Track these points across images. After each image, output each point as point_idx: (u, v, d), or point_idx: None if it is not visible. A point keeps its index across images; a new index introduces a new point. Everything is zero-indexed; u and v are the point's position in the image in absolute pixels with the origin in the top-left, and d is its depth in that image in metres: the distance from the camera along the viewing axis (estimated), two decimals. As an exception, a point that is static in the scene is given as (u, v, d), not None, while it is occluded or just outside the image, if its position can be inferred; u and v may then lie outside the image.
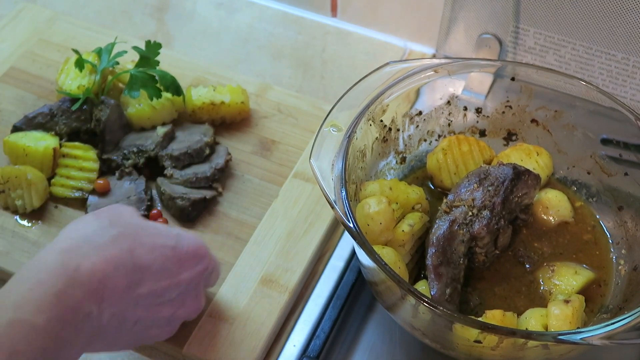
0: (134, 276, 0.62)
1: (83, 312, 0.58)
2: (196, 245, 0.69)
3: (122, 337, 0.65)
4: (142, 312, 0.64)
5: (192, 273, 0.68)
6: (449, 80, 0.83)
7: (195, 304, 0.71)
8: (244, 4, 1.14)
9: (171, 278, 0.66)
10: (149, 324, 0.67)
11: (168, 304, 0.67)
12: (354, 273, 0.81)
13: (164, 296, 0.66)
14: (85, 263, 0.59)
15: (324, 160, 0.71)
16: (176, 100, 0.93)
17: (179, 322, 0.71)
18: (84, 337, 0.59)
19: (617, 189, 0.81)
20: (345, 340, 0.78)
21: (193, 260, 0.68)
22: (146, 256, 0.63)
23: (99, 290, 0.59)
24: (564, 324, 0.67)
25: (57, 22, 1.09)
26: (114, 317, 0.61)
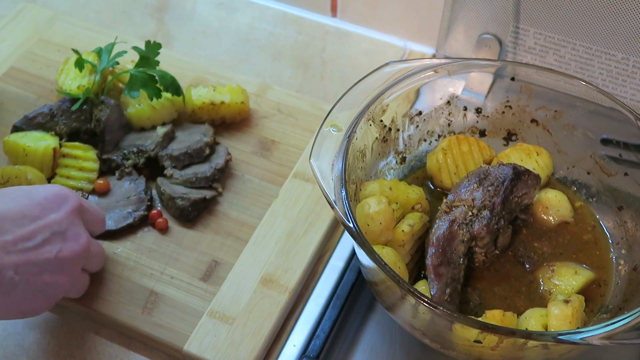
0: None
1: None
2: (54, 189, 0.69)
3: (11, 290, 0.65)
4: (17, 257, 0.64)
5: (59, 214, 0.68)
6: (449, 80, 0.83)
7: (77, 244, 0.70)
8: (244, 4, 1.14)
9: (35, 221, 0.66)
10: (35, 270, 0.66)
11: (46, 246, 0.67)
12: (354, 273, 0.81)
13: (34, 239, 0.66)
14: None
15: (324, 160, 0.71)
16: (176, 100, 0.93)
17: (70, 265, 0.70)
18: None
19: (617, 189, 0.81)
20: (345, 340, 0.78)
21: (54, 203, 0.68)
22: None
23: None
24: (563, 324, 0.67)
25: (57, 22, 1.09)
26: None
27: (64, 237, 0.69)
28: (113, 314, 0.78)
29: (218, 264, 0.82)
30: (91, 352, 0.77)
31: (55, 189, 0.70)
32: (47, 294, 0.69)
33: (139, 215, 0.85)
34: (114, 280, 0.80)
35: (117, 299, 0.79)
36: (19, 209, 0.66)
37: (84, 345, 0.78)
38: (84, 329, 0.79)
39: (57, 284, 0.69)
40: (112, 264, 0.82)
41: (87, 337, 0.78)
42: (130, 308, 0.78)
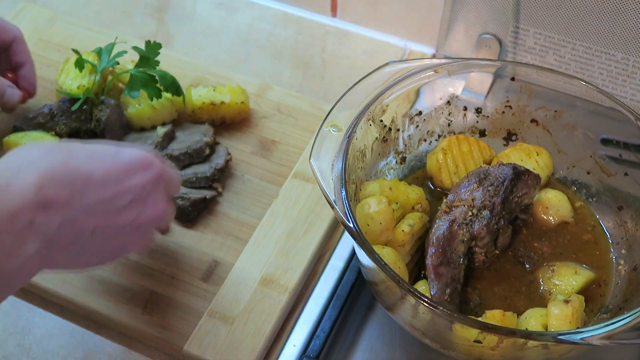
0: (76, 184, 0.61)
1: (23, 220, 0.57)
2: (139, 154, 0.68)
3: (87, 247, 0.65)
4: (96, 219, 0.63)
5: (141, 179, 0.66)
6: (449, 80, 0.83)
7: (155, 210, 0.69)
8: (244, 4, 1.14)
9: (117, 185, 0.65)
10: (113, 232, 0.66)
11: (125, 210, 0.66)
12: (354, 273, 0.81)
13: (116, 202, 0.65)
14: (17, 178, 0.58)
15: (324, 160, 0.71)
16: (176, 100, 0.93)
17: (147, 229, 0.69)
18: (32, 246, 0.58)
19: (617, 189, 0.81)
20: (345, 340, 0.78)
21: (139, 168, 0.67)
22: (85, 166, 0.63)
23: (38, 200, 0.58)
24: (564, 324, 0.67)
25: (57, 22, 1.09)
26: (64, 226, 0.60)
27: (143, 203, 0.67)
28: (113, 314, 0.78)
29: (218, 264, 0.82)
30: (91, 352, 0.77)
31: (140, 154, 0.68)
32: (117, 252, 0.69)
33: (139, 215, 0.84)
34: (114, 280, 0.80)
35: (117, 299, 0.79)
36: (103, 171, 0.64)
37: (84, 345, 0.78)
38: (84, 329, 0.79)
39: (132, 244, 0.69)
40: (112, 264, 0.82)
41: (87, 337, 0.78)
42: (130, 308, 0.78)
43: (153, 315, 0.78)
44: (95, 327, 0.79)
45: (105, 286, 0.80)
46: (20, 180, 0.58)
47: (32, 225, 0.58)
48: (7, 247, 0.56)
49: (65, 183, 0.60)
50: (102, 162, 0.65)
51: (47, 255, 0.60)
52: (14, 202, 0.57)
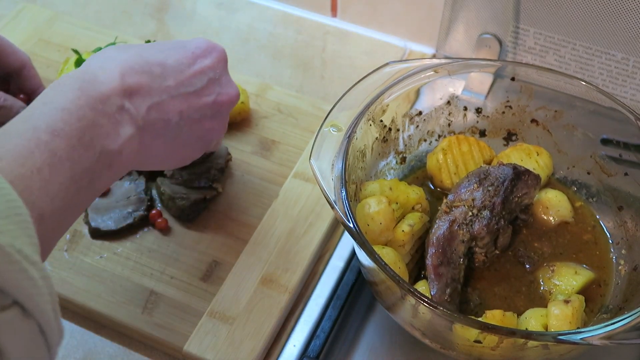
0: (153, 71, 0.65)
1: (114, 104, 0.61)
2: (202, 41, 0.72)
3: (177, 135, 0.68)
4: (181, 102, 0.67)
5: (210, 61, 0.71)
6: (449, 80, 0.83)
7: (231, 89, 0.73)
8: (244, 4, 1.14)
9: (191, 67, 0.69)
10: (197, 116, 0.69)
11: (205, 92, 0.70)
12: (354, 273, 0.81)
13: (194, 84, 0.69)
14: (101, 71, 0.62)
15: (324, 160, 0.71)
16: (176, 100, 0.93)
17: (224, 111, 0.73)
18: (128, 129, 0.62)
19: (617, 189, 0.81)
20: (345, 340, 0.78)
21: (205, 52, 0.71)
22: (158, 55, 0.67)
23: (123, 87, 0.62)
24: (564, 324, 0.67)
25: (57, 22, 1.09)
26: (152, 109, 0.64)
27: (219, 83, 0.71)
28: (113, 314, 0.78)
29: (218, 264, 0.82)
30: (91, 352, 0.77)
31: (203, 41, 0.72)
32: (205, 140, 0.72)
33: (139, 215, 0.85)
34: (114, 280, 0.80)
35: (117, 299, 0.79)
36: (176, 58, 0.68)
37: (84, 345, 0.78)
38: (84, 329, 0.79)
39: (213, 130, 0.72)
40: (112, 264, 0.82)
41: (87, 337, 0.78)
42: (130, 308, 0.78)
43: (153, 315, 0.78)
44: (95, 327, 0.79)
45: (105, 286, 0.80)
46: (105, 72, 0.62)
47: (123, 109, 0.62)
48: (105, 128, 0.60)
49: (144, 71, 0.65)
50: (172, 51, 0.69)
51: (142, 142, 0.64)
52: (102, 89, 0.61)
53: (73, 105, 0.58)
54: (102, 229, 0.83)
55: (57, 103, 0.58)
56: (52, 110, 0.57)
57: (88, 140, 0.58)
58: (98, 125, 0.59)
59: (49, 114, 0.57)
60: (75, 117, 0.58)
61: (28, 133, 0.55)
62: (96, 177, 0.60)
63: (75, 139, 0.57)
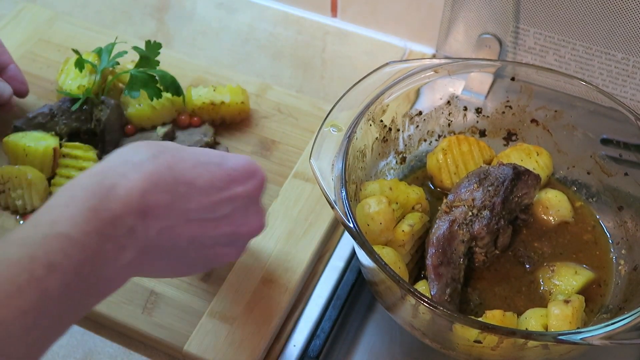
0: (178, 191, 0.60)
1: (124, 226, 0.56)
2: (245, 161, 0.66)
3: (182, 257, 0.64)
4: (196, 228, 0.62)
5: (246, 188, 0.65)
6: (449, 80, 0.83)
7: (256, 222, 0.67)
8: (244, 4, 1.14)
9: (221, 193, 0.63)
10: (209, 243, 0.64)
11: (225, 221, 0.64)
12: (354, 273, 0.81)
13: (217, 211, 0.63)
14: (122, 181, 0.57)
15: (324, 160, 0.71)
16: (176, 100, 0.93)
17: (243, 241, 0.68)
18: (130, 254, 0.57)
19: (617, 189, 0.81)
20: (345, 340, 0.78)
21: (243, 176, 0.65)
22: (189, 171, 0.61)
23: (140, 206, 0.57)
24: (564, 324, 0.67)
25: (57, 22, 1.09)
26: (163, 232, 0.59)
27: (245, 213, 0.66)
28: (113, 314, 0.78)
29: (218, 264, 0.82)
30: (91, 352, 0.77)
31: (244, 161, 0.66)
32: (210, 263, 0.68)
33: (139, 215, 0.84)
34: (114, 280, 0.80)
35: (117, 299, 0.79)
36: (208, 178, 0.62)
37: (84, 345, 0.78)
38: (84, 329, 0.79)
39: (227, 255, 0.68)
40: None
41: (87, 337, 0.78)
42: (130, 308, 0.78)
43: (153, 315, 0.78)
44: (95, 327, 0.79)
45: (105, 286, 0.80)
46: (126, 184, 0.57)
47: (133, 232, 0.57)
48: (107, 255, 0.55)
49: (169, 189, 0.59)
50: (206, 169, 0.63)
51: (141, 263, 0.59)
52: (116, 208, 0.56)
53: (80, 232, 0.53)
54: (102, 229, 0.83)
55: (64, 226, 0.53)
56: (55, 236, 0.53)
57: (86, 273, 0.54)
58: (101, 253, 0.55)
59: (51, 241, 0.52)
60: (79, 247, 0.53)
61: (23, 262, 0.50)
62: (81, 308, 0.56)
63: (72, 275, 0.52)
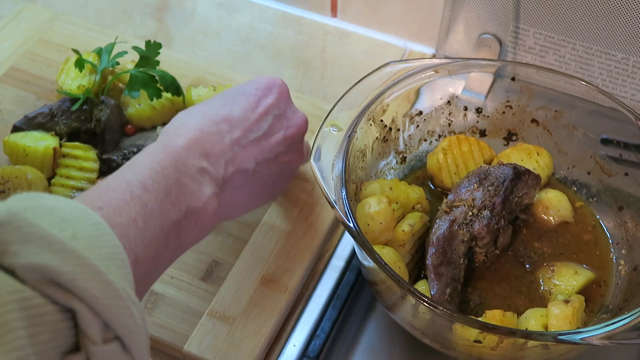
0: (221, 128, 0.69)
1: (194, 166, 0.65)
2: (261, 80, 0.75)
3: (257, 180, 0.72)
4: (253, 149, 0.71)
5: (273, 98, 0.74)
6: (449, 80, 0.83)
7: (297, 119, 0.75)
8: (244, 4, 1.14)
9: (255, 111, 0.72)
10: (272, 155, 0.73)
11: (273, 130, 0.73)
12: (354, 273, 0.81)
13: (261, 127, 0.72)
14: (176, 139, 0.67)
15: (324, 160, 0.71)
16: (176, 100, 0.93)
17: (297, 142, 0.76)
18: (209, 188, 0.66)
19: (618, 189, 0.81)
20: (345, 340, 0.78)
21: (267, 90, 0.74)
22: (222, 110, 0.71)
23: (198, 150, 0.66)
24: (564, 324, 0.67)
25: (57, 22, 1.09)
26: (228, 165, 0.69)
27: (284, 117, 0.74)
28: (113, 314, 0.78)
29: (218, 264, 0.82)
30: (91, 352, 0.77)
31: (262, 79, 0.75)
32: (287, 170, 0.77)
33: (139, 215, 0.84)
34: (114, 280, 0.80)
35: (117, 299, 0.79)
36: (240, 107, 0.71)
37: (84, 345, 0.78)
38: (84, 329, 0.79)
39: (293, 160, 0.77)
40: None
41: (87, 337, 0.78)
42: (130, 308, 0.78)
43: (153, 315, 0.78)
44: (95, 327, 0.79)
45: (105, 286, 0.80)
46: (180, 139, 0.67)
47: (203, 171, 0.66)
48: (189, 187, 0.64)
49: (212, 131, 0.69)
50: (235, 101, 0.72)
51: (225, 196, 0.69)
52: (181, 153, 0.65)
53: (159, 165, 0.63)
54: (102, 229, 0.83)
55: (146, 163, 0.63)
56: (142, 168, 0.62)
57: (174, 197, 0.62)
58: (182, 184, 0.63)
59: (139, 172, 0.62)
60: (161, 175, 0.62)
61: (122, 186, 0.59)
62: (183, 231, 0.63)
63: (162, 195, 0.61)
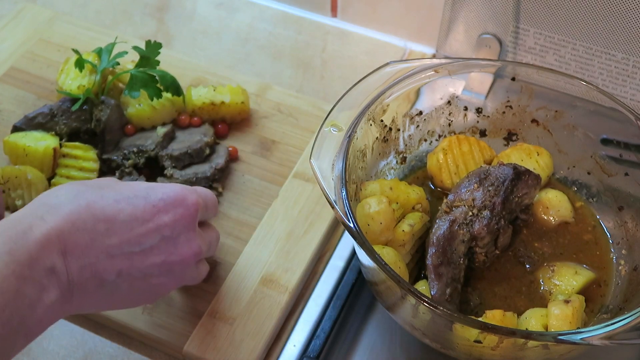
0: (97, 228, 0.61)
1: (43, 267, 0.57)
2: (173, 191, 0.66)
3: (115, 291, 0.64)
4: (121, 262, 0.62)
5: (172, 217, 0.65)
6: (449, 80, 0.83)
7: (188, 249, 0.66)
8: (244, 4, 1.14)
9: (145, 225, 0.63)
10: (139, 275, 0.64)
11: (155, 251, 0.64)
12: (354, 273, 0.81)
13: (143, 244, 0.63)
14: (39, 223, 0.58)
15: (324, 160, 0.71)
16: (176, 100, 0.93)
17: (178, 270, 0.67)
18: (53, 294, 0.58)
19: (618, 189, 0.81)
20: (345, 340, 0.78)
21: (171, 205, 0.65)
22: (110, 207, 0.62)
23: (58, 247, 0.58)
24: (564, 324, 0.67)
25: (57, 22, 1.09)
26: (84, 270, 0.60)
27: (174, 242, 0.65)
28: (113, 314, 0.78)
29: (218, 264, 0.82)
30: (91, 352, 0.77)
31: (175, 190, 0.66)
32: (153, 293, 0.68)
33: (139, 215, 0.84)
34: (114, 280, 0.80)
35: (117, 299, 0.79)
36: (131, 211, 0.63)
37: (84, 345, 0.78)
38: (84, 329, 0.79)
39: (164, 285, 0.67)
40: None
41: (87, 337, 0.78)
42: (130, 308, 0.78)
43: (153, 315, 0.78)
44: (95, 327, 0.79)
45: (105, 286, 0.80)
46: (43, 226, 0.58)
47: (52, 272, 0.58)
48: (28, 298, 0.56)
49: (86, 228, 0.60)
50: (129, 202, 0.63)
51: (70, 301, 0.60)
52: (34, 249, 0.56)
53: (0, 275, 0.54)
54: (102, 229, 0.83)
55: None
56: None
57: (7, 316, 0.54)
58: (21, 296, 0.55)
59: None
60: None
61: None
62: (8, 347, 0.56)
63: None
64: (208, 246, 0.71)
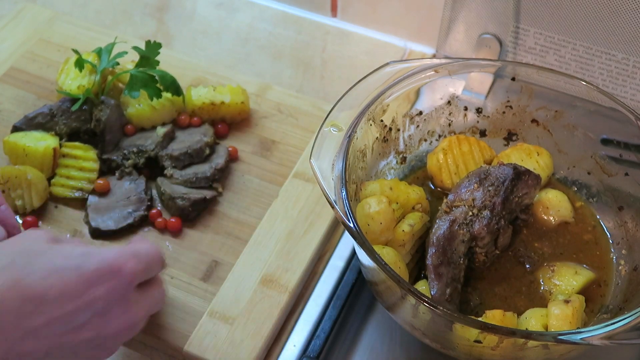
0: (23, 309, 0.57)
1: None
2: (108, 260, 0.61)
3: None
4: (50, 341, 0.58)
5: (105, 290, 0.61)
6: (449, 80, 0.83)
7: (123, 322, 0.63)
8: (244, 4, 1.14)
9: (76, 300, 0.59)
10: (70, 351, 0.60)
11: (86, 327, 0.60)
12: (354, 273, 0.81)
13: (73, 321, 0.59)
14: None
15: (324, 160, 0.71)
16: (176, 100, 0.93)
17: (111, 342, 0.63)
18: None
19: (618, 189, 0.81)
20: (345, 340, 0.78)
21: (105, 275, 0.61)
22: (39, 284, 0.58)
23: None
24: (564, 324, 0.67)
25: (57, 22, 1.09)
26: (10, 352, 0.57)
27: (107, 316, 0.61)
28: (113, 314, 0.78)
29: (218, 264, 0.82)
30: (91, 352, 0.77)
31: (110, 259, 0.61)
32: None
33: (139, 215, 0.84)
34: (114, 280, 0.80)
35: (117, 299, 0.79)
36: (61, 287, 0.59)
37: (83, 345, 0.78)
38: (84, 329, 0.79)
39: (98, 357, 0.64)
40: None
41: (87, 337, 0.78)
42: (130, 308, 0.78)
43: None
44: (95, 327, 0.79)
45: (105, 286, 0.80)
46: None
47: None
48: None
49: (10, 309, 0.57)
50: (60, 276, 0.59)
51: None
52: None
53: None
54: (102, 229, 0.83)
55: None
56: None
57: None
58: None
59: None
60: None
61: None
62: None
63: None
64: (149, 308, 0.67)
